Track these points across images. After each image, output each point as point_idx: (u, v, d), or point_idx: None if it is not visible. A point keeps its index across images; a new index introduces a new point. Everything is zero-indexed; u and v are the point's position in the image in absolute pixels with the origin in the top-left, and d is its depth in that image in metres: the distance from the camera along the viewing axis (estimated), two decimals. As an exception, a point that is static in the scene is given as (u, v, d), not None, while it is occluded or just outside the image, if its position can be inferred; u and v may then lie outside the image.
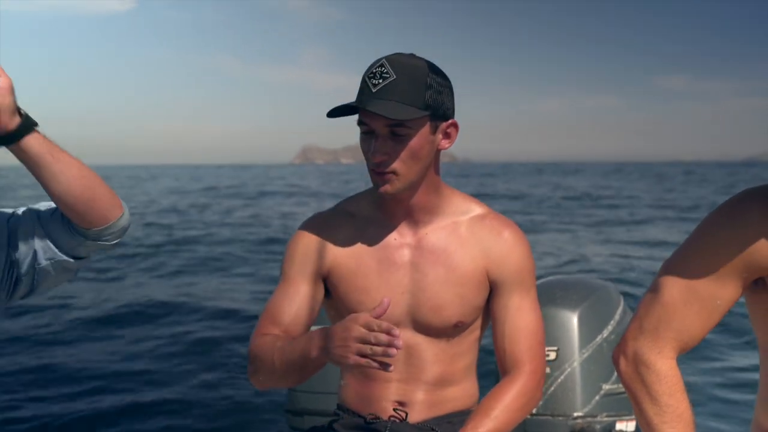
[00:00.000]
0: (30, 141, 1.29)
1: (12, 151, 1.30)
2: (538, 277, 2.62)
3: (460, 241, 1.64)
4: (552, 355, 2.32)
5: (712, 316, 1.38)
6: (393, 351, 1.34)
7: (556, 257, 12.22)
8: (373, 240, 1.64)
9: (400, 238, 1.64)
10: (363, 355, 1.35)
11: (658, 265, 1.47)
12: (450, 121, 1.59)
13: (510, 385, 1.61)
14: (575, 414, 2.29)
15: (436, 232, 1.64)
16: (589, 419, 2.29)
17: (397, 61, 1.52)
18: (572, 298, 2.40)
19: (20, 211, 1.48)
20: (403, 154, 1.53)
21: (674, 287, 1.38)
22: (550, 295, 2.41)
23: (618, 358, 1.45)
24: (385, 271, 1.62)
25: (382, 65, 1.52)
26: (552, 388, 2.30)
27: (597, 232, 16.89)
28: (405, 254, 1.63)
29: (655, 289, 1.42)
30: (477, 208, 1.68)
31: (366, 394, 1.67)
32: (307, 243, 1.68)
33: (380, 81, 1.51)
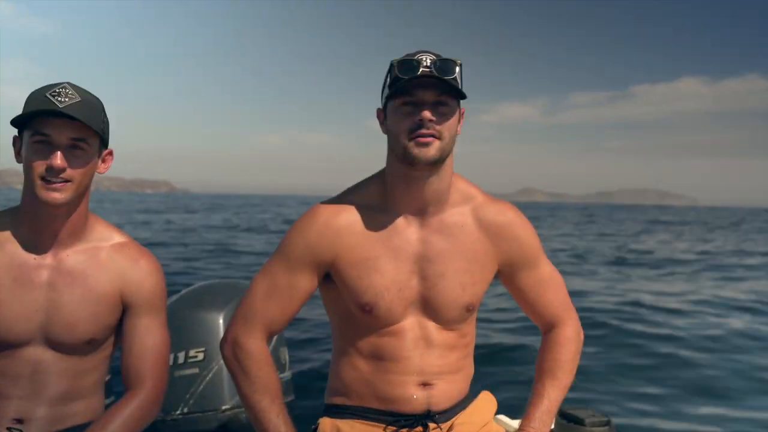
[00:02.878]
0: None
1: None
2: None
3: (99, 265, 1.77)
4: (200, 356, 2.50)
5: (292, 303, 1.76)
6: None
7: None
8: (9, 259, 1.72)
9: (39, 258, 1.74)
10: None
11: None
12: (108, 150, 1.79)
13: (131, 400, 1.75)
14: (224, 407, 2.48)
15: (76, 255, 1.76)
16: (236, 410, 2.48)
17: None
18: (218, 300, 2.58)
19: None
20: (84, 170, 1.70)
21: (261, 283, 1.78)
22: (198, 300, 2.59)
23: (222, 345, 1.79)
24: (19, 288, 1.70)
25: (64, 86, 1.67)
26: (201, 387, 2.48)
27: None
28: (43, 274, 1.73)
29: (250, 288, 1.79)
30: (118, 237, 1.83)
31: None
32: None
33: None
